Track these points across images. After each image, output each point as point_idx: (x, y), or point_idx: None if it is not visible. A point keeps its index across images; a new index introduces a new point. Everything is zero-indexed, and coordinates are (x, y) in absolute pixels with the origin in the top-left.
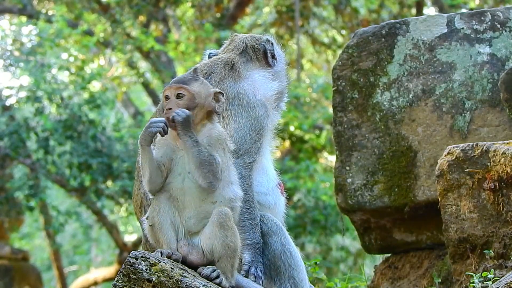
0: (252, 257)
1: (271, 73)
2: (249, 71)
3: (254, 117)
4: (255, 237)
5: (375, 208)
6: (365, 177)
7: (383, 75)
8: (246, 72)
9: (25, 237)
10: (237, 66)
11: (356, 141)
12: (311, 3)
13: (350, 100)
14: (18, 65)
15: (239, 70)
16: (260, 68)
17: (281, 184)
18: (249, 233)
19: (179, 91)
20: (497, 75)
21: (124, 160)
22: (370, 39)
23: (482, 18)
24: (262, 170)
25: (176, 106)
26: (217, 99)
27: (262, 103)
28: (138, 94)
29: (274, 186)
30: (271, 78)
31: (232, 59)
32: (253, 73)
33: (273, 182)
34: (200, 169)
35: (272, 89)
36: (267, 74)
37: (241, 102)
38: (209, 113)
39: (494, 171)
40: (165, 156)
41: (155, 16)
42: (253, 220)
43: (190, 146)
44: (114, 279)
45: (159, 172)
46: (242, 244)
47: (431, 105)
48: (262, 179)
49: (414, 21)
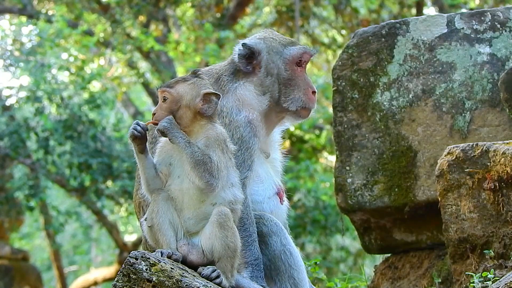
0: (251, 273)
1: (257, 83)
2: (234, 83)
3: (238, 137)
4: (253, 254)
5: (375, 208)
6: (365, 177)
7: (383, 75)
8: (231, 85)
9: (25, 237)
10: (222, 78)
11: (356, 141)
12: (311, 3)
13: (350, 100)
14: (18, 65)
15: (223, 83)
16: (247, 78)
17: (280, 194)
18: (246, 250)
19: (163, 94)
20: (497, 75)
21: (124, 160)
22: (370, 39)
23: (482, 18)
24: (258, 179)
25: (159, 110)
26: (207, 100)
27: (247, 121)
28: (138, 94)
29: (272, 195)
30: (258, 90)
31: (219, 70)
32: (239, 86)
33: (270, 191)
34: (196, 169)
35: (261, 103)
36: (252, 86)
37: (224, 121)
38: (201, 114)
39: (494, 171)
40: (163, 163)
41: (155, 16)
42: (249, 237)
43: (183, 148)
44: (114, 279)
45: (157, 180)
46: (241, 262)
47: (431, 105)
48: (258, 187)
49: (414, 21)
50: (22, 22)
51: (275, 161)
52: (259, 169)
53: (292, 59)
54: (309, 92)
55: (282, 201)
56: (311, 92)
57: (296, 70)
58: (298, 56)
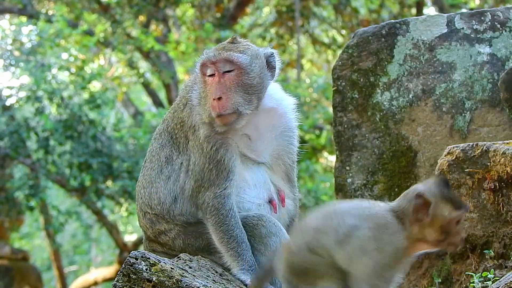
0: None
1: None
2: (194, 96)
3: (205, 152)
4: (245, 262)
5: None
6: (365, 177)
7: (383, 75)
8: (194, 97)
9: (25, 237)
10: (195, 88)
11: (356, 141)
12: (311, 3)
13: (350, 100)
14: (18, 65)
15: (190, 96)
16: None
17: (273, 201)
18: (238, 260)
19: None
20: (497, 75)
21: (124, 160)
22: (370, 39)
23: (482, 18)
24: (246, 186)
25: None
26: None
27: (206, 137)
28: (138, 94)
29: (263, 202)
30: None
31: (192, 80)
32: (197, 100)
33: (260, 198)
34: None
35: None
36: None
37: (195, 133)
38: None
39: (494, 171)
40: None
41: (155, 16)
42: (238, 247)
43: None
44: (114, 279)
45: None
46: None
47: (431, 105)
48: (245, 195)
49: (414, 21)
50: (22, 22)
51: (275, 164)
52: (248, 175)
53: (199, 70)
54: (211, 99)
55: (275, 208)
56: (212, 99)
57: (206, 80)
58: (200, 67)
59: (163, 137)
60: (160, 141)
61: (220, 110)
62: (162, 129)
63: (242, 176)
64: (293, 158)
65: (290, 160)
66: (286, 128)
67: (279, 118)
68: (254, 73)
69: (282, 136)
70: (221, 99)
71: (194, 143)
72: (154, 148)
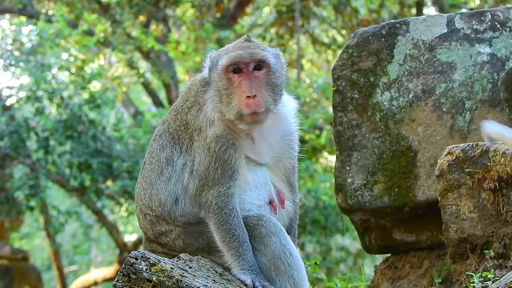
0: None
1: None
2: (206, 95)
3: (212, 151)
4: (246, 262)
5: (375, 208)
6: (365, 177)
7: (383, 75)
8: (204, 96)
9: (25, 237)
10: (196, 89)
11: (356, 141)
12: (311, 3)
13: (350, 100)
14: (18, 65)
15: (197, 95)
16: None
17: (273, 202)
18: (239, 260)
19: None
20: (497, 75)
21: (124, 160)
22: (370, 39)
23: (482, 18)
24: (248, 187)
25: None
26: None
27: (217, 136)
28: (138, 94)
29: (263, 203)
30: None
31: (193, 80)
32: (210, 98)
33: (261, 200)
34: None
35: (222, 115)
36: (217, 98)
37: (201, 134)
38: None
39: (494, 171)
40: None
41: (155, 16)
42: (239, 247)
43: None
44: (114, 279)
45: None
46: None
47: (431, 105)
48: (246, 196)
49: (414, 21)
50: (22, 22)
51: (276, 166)
52: (249, 177)
53: (223, 69)
54: (243, 97)
55: (276, 209)
56: (246, 97)
57: (232, 78)
58: (226, 66)
59: (164, 138)
60: (161, 142)
61: (255, 108)
62: (163, 130)
63: (244, 177)
64: (293, 163)
65: (290, 164)
66: (287, 132)
67: (281, 121)
68: (279, 73)
69: (283, 139)
70: (256, 97)
71: (200, 143)
72: (154, 149)
